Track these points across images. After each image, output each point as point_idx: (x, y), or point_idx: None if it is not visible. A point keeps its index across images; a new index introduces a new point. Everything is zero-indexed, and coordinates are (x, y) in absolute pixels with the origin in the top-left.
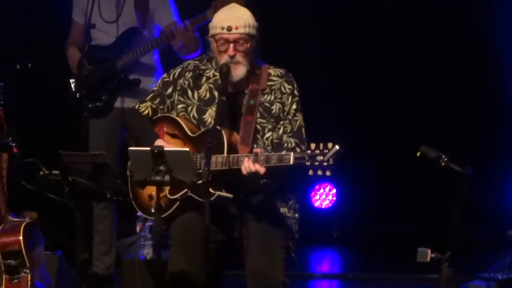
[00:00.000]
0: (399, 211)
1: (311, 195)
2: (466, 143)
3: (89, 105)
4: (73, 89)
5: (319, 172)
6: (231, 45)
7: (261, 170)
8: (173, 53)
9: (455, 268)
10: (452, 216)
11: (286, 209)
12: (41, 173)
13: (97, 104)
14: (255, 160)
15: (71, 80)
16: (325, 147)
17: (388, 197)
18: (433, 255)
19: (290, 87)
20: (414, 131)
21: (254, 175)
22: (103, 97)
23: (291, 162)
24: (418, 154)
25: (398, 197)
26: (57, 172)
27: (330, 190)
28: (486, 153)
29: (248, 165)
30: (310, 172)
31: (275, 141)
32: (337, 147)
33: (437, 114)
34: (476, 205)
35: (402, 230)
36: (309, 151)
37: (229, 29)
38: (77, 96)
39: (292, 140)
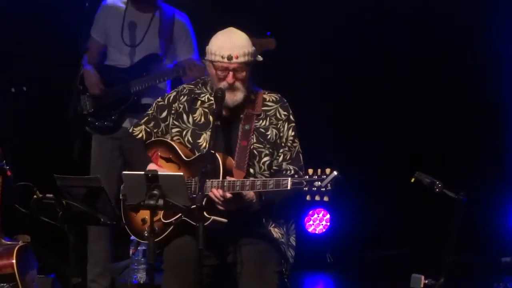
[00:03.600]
0: (393, 236)
1: (305, 220)
2: (461, 169)
3: (96, 123)
4: (84, 106)
5: (317, 198)
6: (231, 73)
7: (227, 195)
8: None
9: None
10: (446, 242)
11: (280, 234)
12: (35, 196)
13: (105, 123)
14: (253, 186)
15: (83, 96)
16: (323, 172)
17: (382, 223)
18: (426, 281)
19: (285, 113)
20: (409, 157)
21: (251, 200)
22: (113, 117)
23: (289, 187)
24: (413, 180)
25: (392, 223)
26: (51, 195)
27: (324, 215)
28: (481, 179)
29: (217, 193)
30: (308, 198)
31: (274, 168)
32: (335, 172)
33: (432, 140)
34: (470, 232)
35: (396, 255)
36: (307, 177)
37: (230, 58)
38: (85, 113)
39: (291, 167)
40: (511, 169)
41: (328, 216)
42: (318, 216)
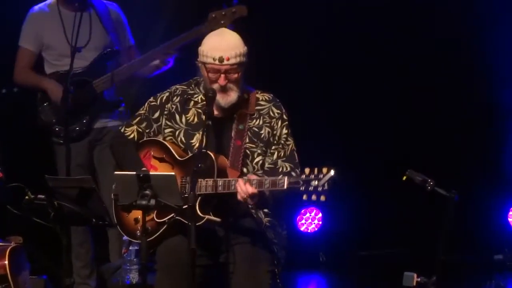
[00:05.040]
0: (386, 235)
1: (297, 219)
2: (453, 168)
3: (66, 131)
4: (46, 115)
5: (314, 197)
6: (222, 75)
7: (255, 191)
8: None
9: None
10: (438, 240)
11: (273, 234)
12: (27, 197)
13: (77, 128)
14: (247, 183)
15: (43, 106)
16: (320, 171)
17: (374, 221)
18: (419, 279)
19: (278, 111)
20: (400, 156)
21: (248, 198)
22: (84, 121)
23: (285, 186)
24: (404, 178)
25: (384, 221)
26: (42, 196)
27: (316, 214)
28: (473, 177)
29: (245, 188)
30: (304, 197)
31: (269, 166)
32: (332, 172)
33: (424, 139)
34: (463, 230)
35: (389, 254)
36: (304, 176)
37: (221, 60)
38: (53, 121)
39: (286, 164)
40: (503, 167)
41: (320, 215)
42: (310, 215)
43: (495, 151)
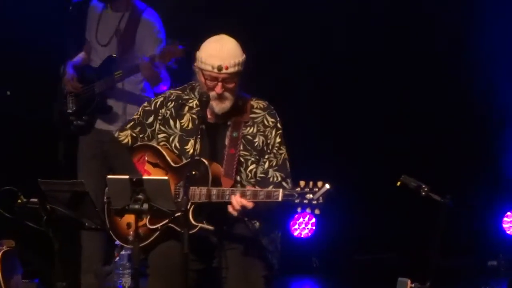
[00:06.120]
0: (380, 240)
1: (290, 224)
2: (448, 173)
3: (74, 122)
4: (68, 105)
5: (308, 210)
6: (220, 83)
7: (249, 205)
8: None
9: None
10: (432, 246)
11: (267, 240)
12: (19, 201)
13: (79, 122)
14: (242, 195)
15: (68, 97)
16: (315, 185)
17: (368, 226)
18: (413, 285)
19: (273, 120)
20: (395, 161)
21: (242, 210)
22: (83, 117)
23: (280, 198)
24: (399, 183)
25: (378, 226)
26: (35, 200)
27: (309, 219)
28: (468, 183)
29: (240, 200)
30: (299, 210)
31: (260, 175)
32: (327, 186)
33: (419, 144)
34: (458, 235)
35: (383, 259)
36: (299, 189)
37: (220, 68)
38: (69, 111)
39: (278, 174)
40: (499, 173)
41: (313, 220)
42: (304, 220)
43: (491, 157)
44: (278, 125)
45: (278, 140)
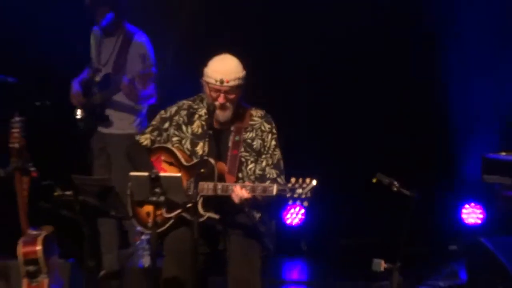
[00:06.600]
0: (359, 227)
1: (283, 213)
2: (417, 170)
3: (82, 128)
4: (77, 113)
5: (298, 202)
6: (222, 94)
7: (249, 196)
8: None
9: (404, 276)
10: (402, 232)
11: (264, 228)
12: (56, 193)
13: (85, 127)
14: (242, 187)
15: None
16: (304, 181)
17: (350, 216)
18: (386, 265)
19: (269, 126)
20: (375, 160)
21: (243, 201)
22: (88, 124)
23: (274, 193)
24: (374, 180)
25: (358, 216)
26: (69, 192)
27: (300, 210)
28: (434, 179)
29: (241, 192)
30: (290, 202)
31: (259, 172)
32: (314, 182)
33: (394, 144)
34: (424, 224)
35: (362, 243)
36: (290, 184)
37: (222, 82)
38: (79, 118)
39: (273, 171)
40: (458, 170)
41: (303, 210)
42: (295, 210)
43: (452, 156)
44: (274, 130)
45: (273, 143)
